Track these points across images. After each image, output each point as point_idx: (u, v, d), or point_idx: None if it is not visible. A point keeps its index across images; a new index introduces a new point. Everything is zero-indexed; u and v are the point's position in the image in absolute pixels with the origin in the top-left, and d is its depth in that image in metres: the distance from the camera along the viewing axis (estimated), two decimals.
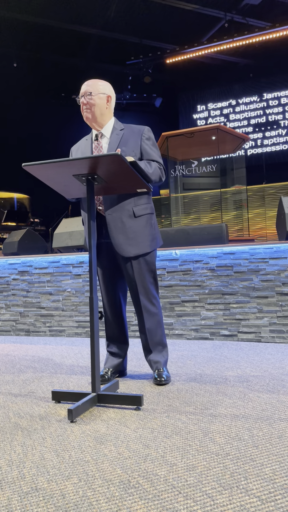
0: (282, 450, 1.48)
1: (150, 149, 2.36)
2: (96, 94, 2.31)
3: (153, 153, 2.36)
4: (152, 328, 2.39)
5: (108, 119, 2.38)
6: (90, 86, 2.32)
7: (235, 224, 7.21)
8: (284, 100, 10.68)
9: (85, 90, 2.32)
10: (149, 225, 2.37)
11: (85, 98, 2.32)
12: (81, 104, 2.35)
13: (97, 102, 2.32)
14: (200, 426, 1.71)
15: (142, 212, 2.34)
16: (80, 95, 2.35)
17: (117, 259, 2.43)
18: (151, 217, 2.40)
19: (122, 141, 2.33)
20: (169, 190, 7.19)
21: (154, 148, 2.38)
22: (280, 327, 3.40)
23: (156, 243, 2.42)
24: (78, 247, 4.21)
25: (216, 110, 11.29)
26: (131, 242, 2.31)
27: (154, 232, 2.40)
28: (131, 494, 1.25)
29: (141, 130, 2.38)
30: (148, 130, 2.40)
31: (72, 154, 2.51)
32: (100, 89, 2.33)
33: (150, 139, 2.38)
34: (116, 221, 2.30)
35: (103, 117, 2.36)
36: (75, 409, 1.83)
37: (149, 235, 2.36)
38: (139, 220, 2.33)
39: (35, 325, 4.25)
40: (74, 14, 9.00)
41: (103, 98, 2.34)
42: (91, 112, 2.33)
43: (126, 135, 2.35)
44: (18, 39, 9.36)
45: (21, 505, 1.22)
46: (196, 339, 3.64)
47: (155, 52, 10.57)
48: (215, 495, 1.23)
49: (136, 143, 2.34)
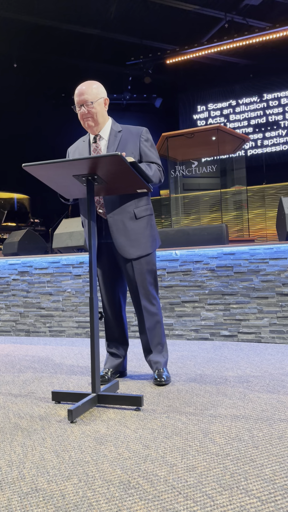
0: (282, 451, 1.48)
1: (149, 150, 2.35)
2: (96, 101, 2.26)
3: (152, 154, 2.36)
4: (152, 328, 2.39)
5: (106, 121, 2.37)
6: (88, 94, 2.25)
7: (235, 224, 7.21)
8: (284, 101, 10.68)
9: (84, 99, 2.25)
10: (149, 226, 2.38)
11: (85, 108, 2.26)
12: (80, 114, 2.29)
13: (98, 109, 2.28)
14: (200, 427, 1.71)
15: (143, 214, 2.35)
16: (78, 104, 2.27)
17: (117, 259, 2.43)
18: (151, 218, 2.41)
19: (121, 143, 2.33)
20: (169, 191, 7.19)
21: (153, 150, 2.38)
22: (280, 328, 3.40)
23: (156, 244, 2.43)
24: (78, 248, 4.21)
25: (216, 111, 11.29)
26: (133, 244, 2.31)
27: (154, 233, 2.42)
28: (131, 495, 1.25)
29: (139, 131, 2.37)
30: (146, 131, 2.39)
31: (69, 155, 2.49)
32: (98, 95, 2.28)
33: (149, 140, 2.38)
34: (118, 224, 2.30)
35: (104, 120, 2.35)
36: (75, 410, 1.83)
37: (149, 236, 2.37)
38: (140, 222, 2.33)
39: (35, 325, 4.25)
40: (74, 15, 9.01)
41: (101, 102, 2.31)
42: (94, 120, 2.29)
43: (125, 137, 2.34)
44: (18, 39, 9.36)
45: (21, 506, 1.22)
46: (196, 339, 3.64)
47: (155, 52, 10.57)
48: (215, 495, 1.23)
49: (135, 145, 2.33)
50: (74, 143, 2.51)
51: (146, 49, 10.47)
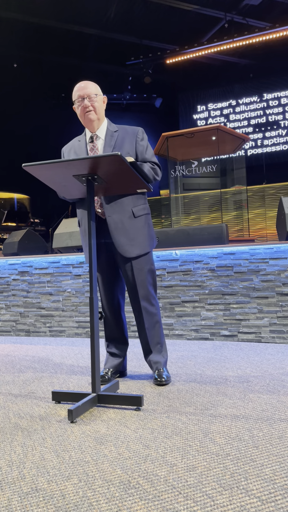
0: (283, 451, 1.48)
1: (144, 150, 2.38)
2: (98, 95, 2.31)
3: (148, 153, 2.39)
4: (151, 328, 2.39)
5: (103, 120, 2.40)
6: (89, 89, 2.28)
7: (235, 224, 7.21)
8: (284, 100, 10.68)
9: (87, 92, 2.27)
10: (147, 225, 2.39)
11: (88, 101, 2.28)
12: (82, 107, 2.30)
13: (100, 104, 2.33)
14: (200, 427, 1.71)
15: (141, 213, 2.37)
16: (80, 97, 2.29)
17: (115, 259, 2.43)
18: (148, 217, 2.43)
19: (117, 142, 2.34)
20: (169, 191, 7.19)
21: (149, 149, 2.40)
22: (280, 328, 3.40)
23: (153, 243, 2.44)
24: (78, 248, 4.21)
25: (216, 111, 11.29)
26: (133, 243, 2.32)
27: (151, 232, 2.43)
28: (131, 495, 1.25)
29: (135, 131, 2.39)
30: (142, 131, 2.41)
31: (64, 155, 2.48)
32: (99, 91, 2.34)
33: (144, 139, 2.40)
34: (117, 223, 2.31)
35: (102, 117, 2.38)
36: (75, 410, 1.83)
37: (147, 234, 2.38)
38: (138, 221, 2.35)
39: (35, 325, 4.25)
40: (74, 15, 9.01)
41: (101, 100, 2.36)
42: (96, 114, 2.31)
43: (121, 136, 2.36)
44: (18, 39, 9.36)
45: (21, 506, 1.22)
46: (196, 339, 3.64)
47: (155, 52, 10.57)
48: (215, 495, 1.23)
49: (131, 145, 2.35)
50: (69, 142, 2.50)
51: (146, 49, 10.48)
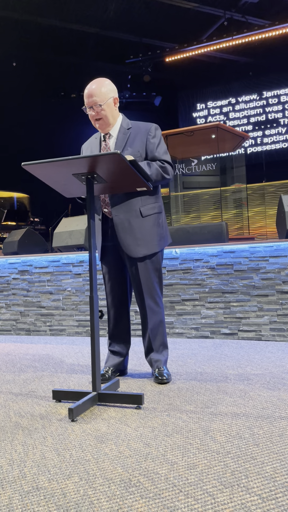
0: (283, 448, 1.48)
1: (155, 147, 2.32)
2: (105, 103, 2.25)
3: (159, 150, 2.33)
4: (155, 327, 2.39)
5: (116, 118, 2.36)
6: (96, 96, 2.24)
7: (235, 222, 7.21)
8: (284, 98, 10.67)
9: (93, 101, 2.24)
10: (156, 224, 2.36)
11: (94, 110, 2.26)
12: (90, 115, 2.30)
13: (107, 111, 2.28)
14: (200, 425, 1.71)
15: (150, 212, 2.33)
16: (87, 105, 2.27)
17: (122, 258, 2.43)
18: (159, 216, 2.38)
19: (129, 140, 2.32)
20: (168, 189, 7.19)
21: (160, 146, 2.34)
22: (281, 325, 3.40)
23: (165, 242, 2.41)
24: (78, 246, 4.20)
25: (216, 109, 11.28)
26: (140, 243, 2.30)
27: (162, 231, 2.39)
28: (132, 493, 1.25)
29: (148, 128, 2.35)
30: (155, 128, 2.36)
31: (83, 151, 2.50)
32: (107, 95, 2.26)
33: (156, 136, 2.35)
34: (124, 223, 2.30)
35: (114, 118, 2.34)
36: (75, 408, 1.83)
37: (157, 234, 2.35)
38: (146, 220, 2.32)
39: (36, 324, 4.26)
40: (73, 13, 8.99)
41: (111, 103, 2.29)
42: (104, 122, 2.30)
43: (133, 134, 2.33)
44: (17, 38, 9.34)
45: (22, 504, 1.22)
46: (197, 337, 3.64)
47: (154, 50, 10.56)
48: (216, 493, 1.23)
49: (141, 142, 2.32)
50: (88, 139, 2.50)
51: (145, 47, 10.46)
